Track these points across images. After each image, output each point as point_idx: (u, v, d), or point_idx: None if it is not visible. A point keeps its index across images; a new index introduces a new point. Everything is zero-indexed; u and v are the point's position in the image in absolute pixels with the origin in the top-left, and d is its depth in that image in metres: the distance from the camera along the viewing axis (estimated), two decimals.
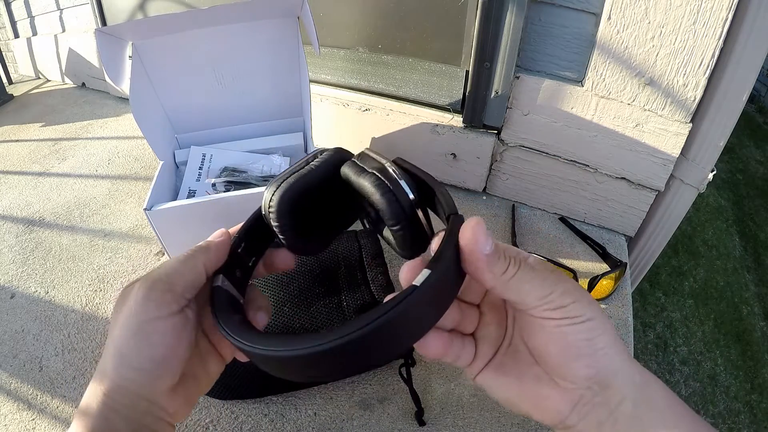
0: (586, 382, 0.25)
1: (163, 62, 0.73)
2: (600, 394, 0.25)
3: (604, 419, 0.24)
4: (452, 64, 0.74)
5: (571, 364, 0.25)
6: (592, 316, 0.25)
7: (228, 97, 0.79)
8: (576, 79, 0.67)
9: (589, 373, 0.25)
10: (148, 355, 0.26)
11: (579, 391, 0.25)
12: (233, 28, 0.72)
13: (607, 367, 0.25)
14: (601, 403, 0.25)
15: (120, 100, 1.25)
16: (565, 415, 0.25)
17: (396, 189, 0.26)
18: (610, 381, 0.24)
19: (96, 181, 0.90)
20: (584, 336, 0.24)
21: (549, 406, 0.26)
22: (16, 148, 1.05)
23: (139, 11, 1.02)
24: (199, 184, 0.73)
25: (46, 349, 0.59)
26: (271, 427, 0.50)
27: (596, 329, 0.25)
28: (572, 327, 0.24)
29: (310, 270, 0.57)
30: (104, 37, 0.63)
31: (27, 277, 0.70)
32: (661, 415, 0.24)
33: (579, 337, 0.24)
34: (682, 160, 0.66)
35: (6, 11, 1.53)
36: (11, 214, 0.83)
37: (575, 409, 0.25)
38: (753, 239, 2.62)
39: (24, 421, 0.51)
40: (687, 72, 0.58)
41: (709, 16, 0.54)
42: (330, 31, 0.83)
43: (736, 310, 2.24)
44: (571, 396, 0.25)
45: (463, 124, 0.77)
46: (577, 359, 0.25)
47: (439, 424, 0.49)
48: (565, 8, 0.63)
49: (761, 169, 3.15)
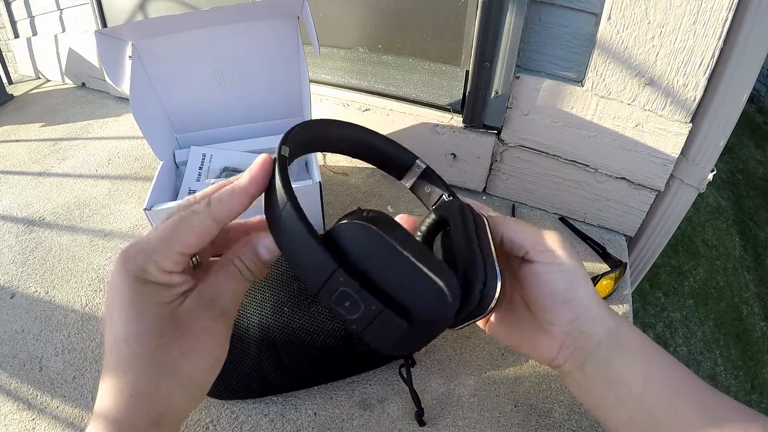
0: (567, 327, 0.29)
1: (163, 62, 0.73)
2: (578, 339, 0.29)
3: (583, 360, 0.29)
4: (452, 64, 0.74)
5: (556, 309, 0.29)
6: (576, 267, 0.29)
7: (228, 97, 0.79)
8: (576, 79, 0.67)
9: (570, 316, 0.29)
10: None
11: (562, 336, 0.29)
12: (233, 28, 0.72)
13: (585, 312, 0.29)
14: (580, 347, 0.29)
15: (120, 100, 1.25)
16: (554, 356, 0.30)
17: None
18: (586, 327, 0.29)
19: (96, 181, 0.90)
20: (566, 284, 0.29)
21: (542, 350, 0.31)
22: (16, 148, 1.05)
23: (139, 11, 1.02)
24: (199, 184, 0.73)
25: (46, 349, 0.59)
26: (271, 427, 0.50)
27: (576, 278, 0.29)
28: (557, 275, 0.29)
29: None
30: (104, 38, 0.63)
31: (27, 277, 0.70)
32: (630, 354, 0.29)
33: (562, 286, 0.29)
34: (682, 160, 0.66)
35: (6, 11, 1.53)
36: (11, 214, 0.83)
37: (561, 352, 0.30)
38: (753, 239, 2.62)
39: (24, 421, 0.51)
40: (687, 72, 0.58)
41: (709, 16, 0.54)
42: (330, 31, 0.83)
43: (736, 310, 2.24)
44: (557, 341, 0.30)
45: (463, 124, 0.77)
46: (561, 305, 0.29)
47: (439, 424, 0.50)
48: (565, 8, 0.63)
49: (761, 169, 3.15)
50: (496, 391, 0.53)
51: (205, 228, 0.25)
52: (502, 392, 0.53)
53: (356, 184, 0.85)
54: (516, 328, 0.33)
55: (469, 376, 0.54)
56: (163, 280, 0.24)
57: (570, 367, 0.30)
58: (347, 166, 0.90)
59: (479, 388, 0.53)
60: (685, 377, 0.28)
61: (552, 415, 0.50)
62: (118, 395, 0.23)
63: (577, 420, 0.50)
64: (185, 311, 0.24)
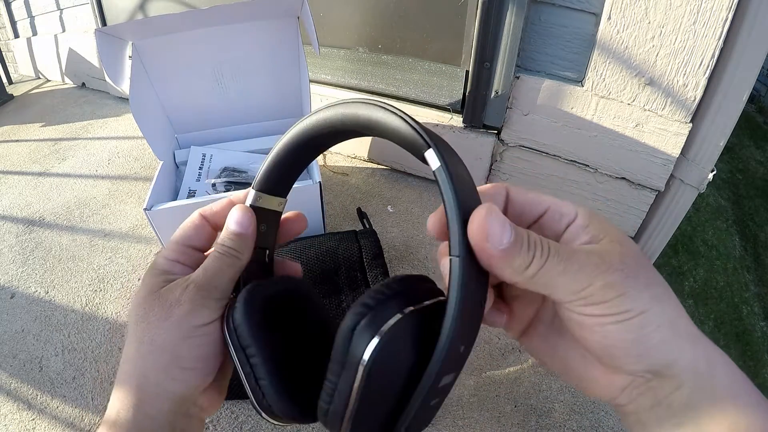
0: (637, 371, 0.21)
1: (163, 62, 0.73)
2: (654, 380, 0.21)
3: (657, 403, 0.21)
4: (452, 64, 0.74)
5: (618, 361, 0.21)
6: (645, 307, 0.20)
7: (228, 97, 0.79)
8: (576, 79, 0.67)
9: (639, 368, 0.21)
10: (200, 355, 0.26)
11: (629, 378, 0.22)
12: (233, 28, 0.72)
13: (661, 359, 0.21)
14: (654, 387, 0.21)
15: (120, 100, 1.25)
16: (614, 396, 0.23)
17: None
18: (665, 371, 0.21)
19: (96, 181, 0.90)
20: (632, 335, 0.20)
21: (596, 387, 0.23)
22: (16, 148, 1.05)
23: (139, 11, 1.02)
24: (199, 184, 0.73)
25: (46, 349, 0.59)
26: (271, 427, 0.50)
27: (649, 324, 0.20)
28: (617, 326, 0.20)
29: (310, 271, 0.57)
30: (104, 37, 0.63)
31: (27, 277, 0.70)
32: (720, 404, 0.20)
33: (625, 337, 0.20)
34: (682, 160, 0.66)
35: (6, 11, 1.53)
36: (11, 214, 0.83)
37: (625, 392, 0.22)
38: (753, 239, 2.62)
39: (24, 421, 0.51)
40: (687, 72, 0.58)
41: (709, 16, 0.54)
42: (330, 31, 0.83)
43: (736, 310, 2.24)
44: (621, 381, 0.22)
45: (463, 124, 0.77)
46: (624, 356, 0.21)
47: (439, 424, 0.49)
48: (565, 8, 0.63)
49: (761, 169, 3.15)
50: (496, 391, 0.53)
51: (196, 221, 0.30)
52: (502, 392, 0.53)
53: (356, 184, 0.85)
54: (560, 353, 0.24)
55: (469, 376, 0.54)
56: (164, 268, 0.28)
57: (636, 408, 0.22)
58: (347, 166, 0.90)
59: (479, 388, 0.53)
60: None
61: (552, 415, 0.50)
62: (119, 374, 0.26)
63: (577, 420, 0.50)
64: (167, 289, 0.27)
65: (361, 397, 0.20)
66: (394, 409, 0.21)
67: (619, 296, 0.20)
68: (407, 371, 0.21)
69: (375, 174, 0.87)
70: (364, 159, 0.92)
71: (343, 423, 0.21)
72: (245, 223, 0.27)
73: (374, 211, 0.78)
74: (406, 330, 0.21)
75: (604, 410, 0.51)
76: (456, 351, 0.20)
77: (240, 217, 0.27)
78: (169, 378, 0.25)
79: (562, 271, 0.20)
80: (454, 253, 0.20)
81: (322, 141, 0.26)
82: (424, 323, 0.21)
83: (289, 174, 0.28)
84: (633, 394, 0.22)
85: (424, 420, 0.23)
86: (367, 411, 0.21)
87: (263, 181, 0.27)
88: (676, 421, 0.21)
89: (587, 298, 0.20)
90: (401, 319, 0.20)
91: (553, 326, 0.25)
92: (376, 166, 0.90)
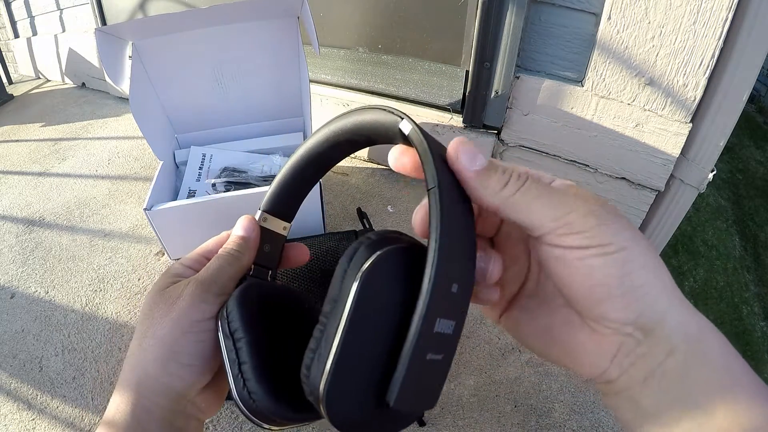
0: (624, 327, 0.20)
1: (163, 62, 0.73)
2: (644, 343, 0.20)
3: (650, 374, 0.20)
4: (452, 64, 0.74)
5: (603, 306, 0.20)
6: (626, 243, 0.19)
7: (228, 97, 0.79)
8: (576, 79, 0.67)
9: (627, 316, 0.20)
10: (198, 352, 0.26)
11: (617, 337, 0.20)
12: (233, 28, 0.72)
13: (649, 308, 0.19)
14: (645, 354, 0.20)
15: (120, 100, 1.25)
16: (604, 367, 0.21)
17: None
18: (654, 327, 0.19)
19: (96, 181, 0.90)
20: (616, 270, 0.19)
21: (586, 357, 0.21)
22: (16, 148, 1.05)
23: (139, 11, 1.02)
24: (199, 184, 0.73)
25: (46, 349, 0.59)
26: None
27: (633, 261, 0.19)
28: (599, 259, 0.19)
29: (310, 271, 0.57)
30: (104, 37, 0.63)
31: (27, 277, 0.70)
32: (716, 376, 0.19)
33: (609, 272, 0.19)
34: (682, 160, 0.66)
35: (6, 11, 1.53)
36: (11, 214, 0.83)
37: (615, 361, 0.21)
38: (753, 239, 2.62)
39: (24, 421, 0.51)
40: (687, 72, 0.58)
41: (709, 16, 0.54)
42: (330, 31, 0.83)
43: (736, 310, 2.24)
44: (609, 344, 0.20)
45: (463, 124, 0.77)
46: (609, 300, 0.19)
47: (439, 424, 0.49)
48: (565, 8, 0.63)
49: (761, 169, 3.15)
50: (496, 391, 0.53)
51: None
52: (502, 392, 0.53)
53: (356, 184, 0.85)
54: (544, 321, 0.23)
55: (469, 376, 0.54)
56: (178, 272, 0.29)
57: (628, 383, 0.20)
58: (347, 166, 0.90)
59: (479, 388, 0.53)
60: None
61: (552, 415, 0.50)
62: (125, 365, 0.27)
63: (577, 420, 0.50)
64: (173, 287, 0.28)
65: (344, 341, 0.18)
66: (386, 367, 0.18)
67: (600, 225, 0.19)
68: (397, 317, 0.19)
69: (375, 174, 0.87)
70: (364, 159, 0.92)
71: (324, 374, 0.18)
72: (248, 228, 0.29)
73: (374, 211, 0.78)
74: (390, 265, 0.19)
75: (604, 410, 0.51)
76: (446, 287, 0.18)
77: (244, 223, 0.29)
78: (167, 373, 0.26)
79: (540, 195, 0.20)
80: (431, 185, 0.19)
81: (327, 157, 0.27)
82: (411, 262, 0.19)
83: (295, 196, 0.29)
84: (624, 364, 0.20)
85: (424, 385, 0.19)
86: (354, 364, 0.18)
87: (269, 202, 0.29)
88: (673, 396, 0.19)
89: (568, 225, 0.19)
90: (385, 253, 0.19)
91: (536, 296, 0.24)
92: (376, 166, 0.90)
